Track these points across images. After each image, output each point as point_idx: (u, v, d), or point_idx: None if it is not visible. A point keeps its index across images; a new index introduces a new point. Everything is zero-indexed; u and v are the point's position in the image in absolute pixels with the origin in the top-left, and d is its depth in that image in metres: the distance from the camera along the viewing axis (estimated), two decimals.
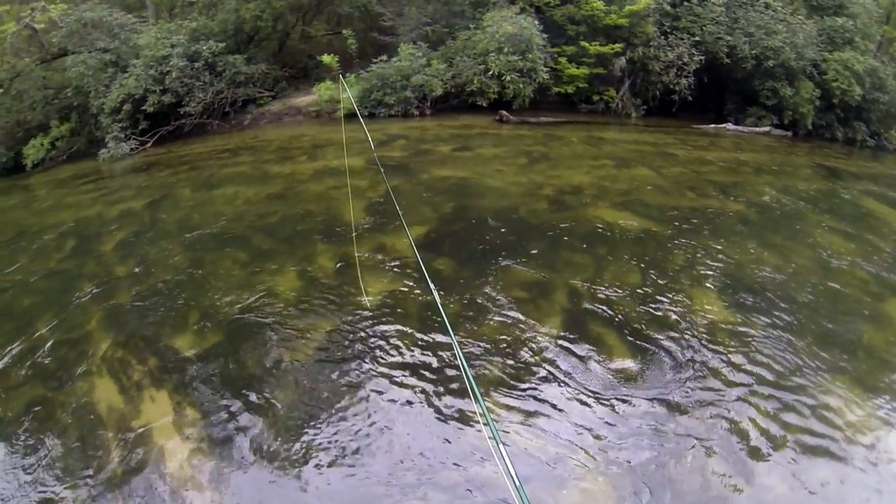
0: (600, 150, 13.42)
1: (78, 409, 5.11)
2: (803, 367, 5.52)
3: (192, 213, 9.59)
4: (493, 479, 4.16)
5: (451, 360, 5.41)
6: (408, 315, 6.18)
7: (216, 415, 4.89)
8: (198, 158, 13.86)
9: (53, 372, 5.66)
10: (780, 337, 5.94)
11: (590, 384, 5.15)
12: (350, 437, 4.60)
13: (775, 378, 5.33)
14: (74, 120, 18.03)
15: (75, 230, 9.62)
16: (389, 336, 5.80)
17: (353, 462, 4.39)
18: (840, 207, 10.50)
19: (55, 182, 14.48)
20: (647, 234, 8.17)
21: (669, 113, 18.60)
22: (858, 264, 7.77)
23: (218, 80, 16.75)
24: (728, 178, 11.60)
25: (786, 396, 5.11)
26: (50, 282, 7.69)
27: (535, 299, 6.43)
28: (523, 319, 6.04)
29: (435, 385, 5.12)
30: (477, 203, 9.22)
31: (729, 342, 5.79)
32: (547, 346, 5.64)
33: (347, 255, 7.40)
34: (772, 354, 5.64)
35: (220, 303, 6.53)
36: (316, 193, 10.03)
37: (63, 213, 10.86)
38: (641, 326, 5.98)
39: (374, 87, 16.65)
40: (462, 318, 6.06)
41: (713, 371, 5.37)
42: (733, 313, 6.31)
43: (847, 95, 17.62)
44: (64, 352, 5.96)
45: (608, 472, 4.30)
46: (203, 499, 4.18)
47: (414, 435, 4.62)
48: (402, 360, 5.46)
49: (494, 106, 16.63)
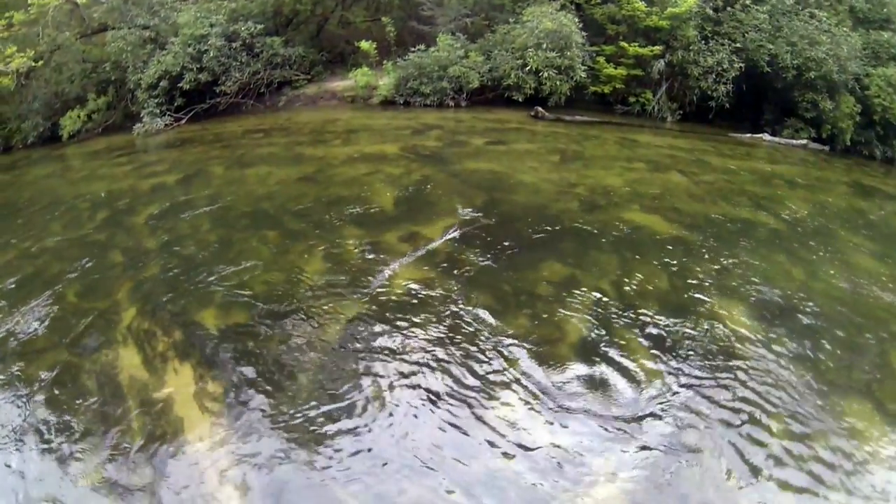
0: (634, 153, 13.23)
1: (101, 376, 5.15)
2: (824, 388, 5.35)
3: (223, 191, 9.62)
4: (508, 475, 4.12)
5: (475, 352, 5.36)
6: (434, 304, 6.13)
7: (238, 390, 4.90)
8: (231, 137, 13.93)
9: (79, 338, 5.71)
10: (803, 355, 5.76)
11: (607, 389, 5.05)
12: (369, 423, 4.57)
13: (794, 397, 5.16)
14: (111, 94, 18.24)
15: (107, 201, 9.72)
16: (414, 324, 5.75)
17: (371, 448, 4.35)
18: (874, 227, 10.20)
19: (90, 153, 14.66)
20: (676, 240, 8.02)
21: (705, 119, 18.27)
22: (889, 287, 7.54)
23: (255, 61, 16.83)
24: (761, 190, 11.35)
25: (804, 417, 4.94)
26: (81, 250, 7.76)
27: (562, 297, 6.33)
28: (548, 317, 5.97)
29: (458, 377, 5.06)
30: (509, 197, 9.14)
31: (751, 356, 5.64)
32: (571, 345, 5.56)
33: (377, 241, 7.40)
34: (793, 372, 5.48)
35: (248, 281, 6.54)
36: (348, 178, 9.99)
37: (96, 183, 10.99)
38: (664, 332, 5.86)
39: (411, 76, 16.62)
40: (488, 310, 6.00)
41: (732, 383, 5.23)
42: (757, 326, 6.15)
43: (889, 112, 17.16)
44: (91, 319, 6.00)
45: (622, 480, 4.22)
46: (221, 471, 4.18)
47: (433, 425, 4.57)
48: (426, 349, 5.41)
49: (530, 101, 16.48)
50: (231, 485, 4.08)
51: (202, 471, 4.18)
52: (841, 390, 5.36)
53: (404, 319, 5.83)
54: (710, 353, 5.61)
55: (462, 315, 5.93)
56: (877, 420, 5.07)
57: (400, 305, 6.07)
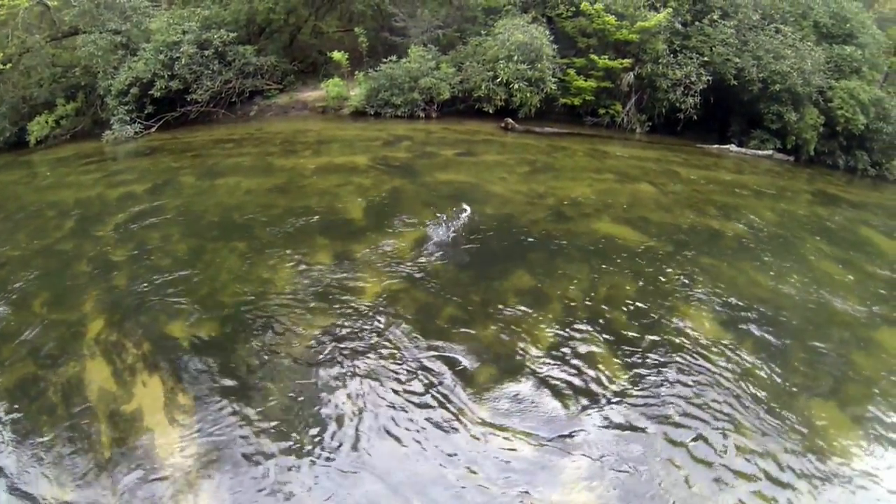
0: (603, 164, 13.44)
1: (68, 389, 5.12)
2: (791, 390, 5.57)
3: (193, 201, 9.59)
4: (482, 480, 4.22)
5: (442, 363, 5.45)
6: (403, 314, 6.21)
7: (208, 402, 4.92)
8: (202, 146, 13.85)
9: (47, 351, 5.65)
10: (770, 359, 5.98)
11: (579, 396, 5.18)
12: (340, 433, 4.63)
13: (763, 400, 5.37)
14: (80, 99, 17.95)
15: (75, 210, 9.60)
16: (384, 334, 5.83)
17: (342, 457, 4.42)
18: (837, 235, 10.54)
19: (57, 160, 14.43)
20: (644, 250, 8.21)
21: (674, 131, 18.61)
22: (852, 291, 7.82)
23: (227, 70, 16.71)
24: (728, 199, 11.64)
25: (772, 419, 5.15)
26: (47, 260, 7.68)
27: (531, 307, 6.45)
28: (517, 328, 6.08)
29: (428, 384, 5.16)
30: (478, 209, 9.23)
31: (719, 361, 5.83)
32: (539, 355, 5.67)
33: (347, 252, 7.46)
34: (760, 376, 5.69)
35: (217, 292, 6.55)
36: (319, 189, 10.02)
37: (64, 191, 10.83)
38: (633, 340, 6.02)
39: (382, 87, 16.65)
40: (457, 321, 6.09)
41: (701, 389, 5.41)
42: (725, 332, 6.35)
43: (851, 124, 17.63)
44: (58, 331, 5.96)
45: (592, 478, 4.36)
46: (192, 484, 4.20)
47: (404, 431, 4.66)
48: (396, 358, 5.50)
49: (500, 113, 16.63)
50: (202, 497, 4.10)
51: (173, 483, 4.20)
52: (806, 393, 5.58)
53: (372, 331, 5.90)
54: (678, 359, 5.78)
55: (429, 326, 6.02)
56: (841, 421, 5.30)
57: (368, 317, 6.13)
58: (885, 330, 7.03)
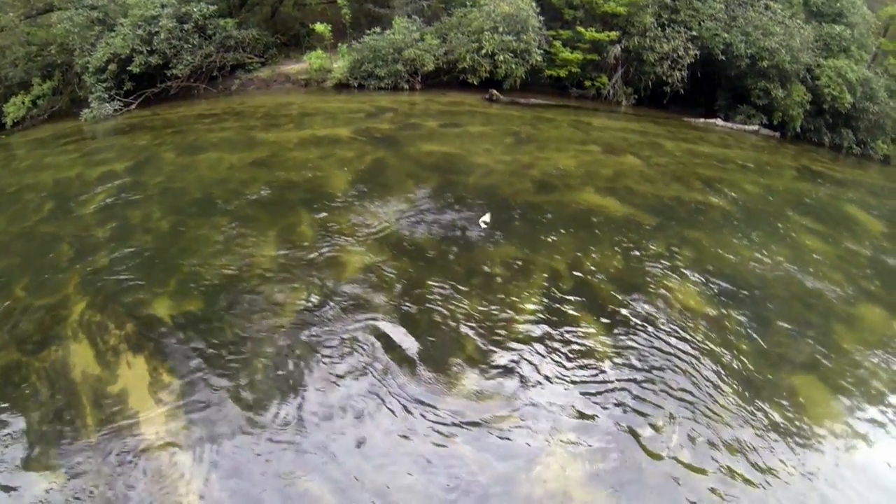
0: (588, 136, 13.42)
1: (52, 373, 5.08)
2: (774, 361, 5.64)
3: (174, 177, 9.47)
4: (461, 453, 4.24)
5: (427, 334, 5.46)
6: (386, 285, 6.21)
7: (193, 380, 4.90)
8: (183, 122, 13.66)
9: (29, 336, 5.59)
10: (753, 330, 6.04)
11: (564, 365, 5.21)
12: (323, 406, 4.65)
13: (745, 369, 5.43)
14: (57, 78, 17.54)
15: (55, 191, 9.45)
16: (369, 307, 5.82)
17: (326, 429, 4.44)
18: (821, 210, 10.61)
19: (35, 141, 14.16)
20: (629, 221, 8.22)
21: (660, 104, 18.67)
22: (835, 266, 7.90)
23: (207, 44, 16.42)
24: (714, 173, 11.67)
25: (755, 388, 5.22)
26: (27, 243, 7.57)
27: (515, 278, 6.47)
28: (502, 297, 6.09)
29: (410, 361, 5.16)
30: (462, 179, 9.23)
31: (702, 331, 5.89)
32: (524, 324, 5.70)
33: (329, 224, 7.43)
34: (744, 347, 5.75)
35: (200, 268, 6.50)
36: (301, 162, 9.94)
37: (42, 173, 10.66)
38: (617, 311, 6.06)
39: (366, 59, 16.49)
40: (441, 291, 6.09)
41: (684, 359, 5.46)
42: (708, 304, 6.40)
43: (837, 102, 17.74)
44: (40, 315, 5.89)
45: (577, 455, 4.39)
46: (178, 463, 4.20)
47: (386, 404, 4.67)
48: (382, 331, 5.49)
49: (485, 84, 16.56)
50: (189, 475, 4.11)
51: (160, 464, 4.19)
52: (788, 364, 5.64)
53: (356, 302, 5.89)
54: (661, 330, 5.82)
55: (413, 297, 6.01)
56: (822, 392, 5.37)
57: (352, 288, 6.12)
58: (865, 304, 7.12)
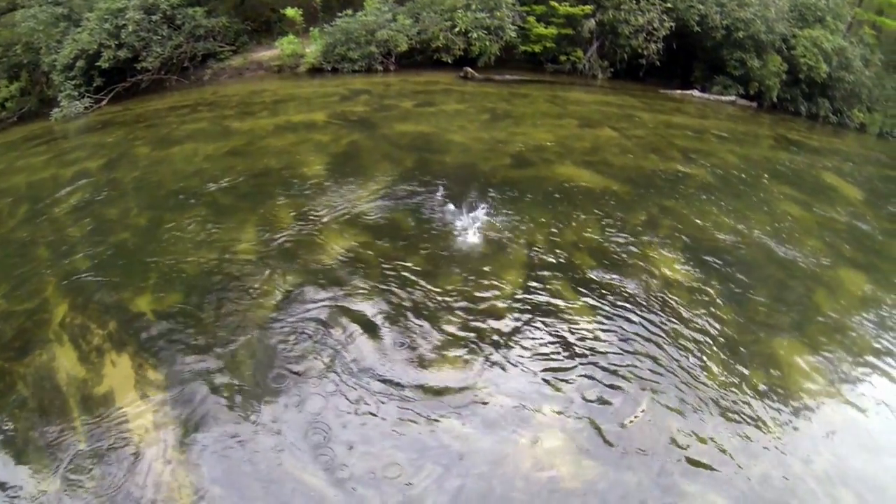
0: (565, 110, 13.42)
1: (38, 379, 5.04)
2: (756, 327, 5.74)
3: (149, 172, 9.36)
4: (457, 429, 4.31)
5: (410, 314, 5.49)
6: (368, 268, 6.22)
7: (179, 375, 4.90)
8: (155, 115, 13.47)
9: (10, 343, 5.54)
10: (735, 297, 6.14)
11: (546, 338, 5.28)
12: (313, 394, 4.66)
13: (728, 336, 5.53)
14: (24, 79, 17.19)
15: (28, 195, 9.28)
16: (350, 290, 5.84)
17: (316, 419, 4.45)
18: (799, 178, 10.72)
19: (5, 145, 13.85)
20: (609, 194, 8.27)
21: (636, 77, 18.70)
22: (814, 233, 8.02)
23: (176, 34, 16.14)
24: (691, 144, 11.73)
25: (738, 354, 5.32)
26: (3, 250, 7.46)
27: (496, 254, 6.51)
28: (484, 273, 6.14)
29: (397, 337, 5.21)
30: (439, 158, 9.25)
31: (684, 300, 5.97)
32: (506, 300, 5.74)
33: (306, 209, 7.43)
34: (725, 314, 5.85)
35: (180, 262, 6.47)
36: (277, 149, 9.89)
37: (14, 177, 10.48)
38: (599, 282, 6.12)
39: (338, 42, 16.33)
40: (421, 271, 6.13)
41: (667, 327, 5.54)
42: (690, 273, 6.49)
43: (813, 72, 17.77)
44: (20, 321, 5.82)
45: (565, 426, 4.46)
46: (167, 460, 4.21)
47: (377, 389, 4.70)
48: (364, 313, 5.51)
49: (459, 63, 16.48)
50: (180, 471, 4.12)
51: (150, 462, 4.19)
52: (770, 330, 5.74)
53: (337, 286, 5.91)
54: (643, 299, 5.90)
55: (393, 277, 6.05)
56: (804, 357, 5.47)
57: (333, 272, 6.14)
58: (845, 270, 7.24)
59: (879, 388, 5.29)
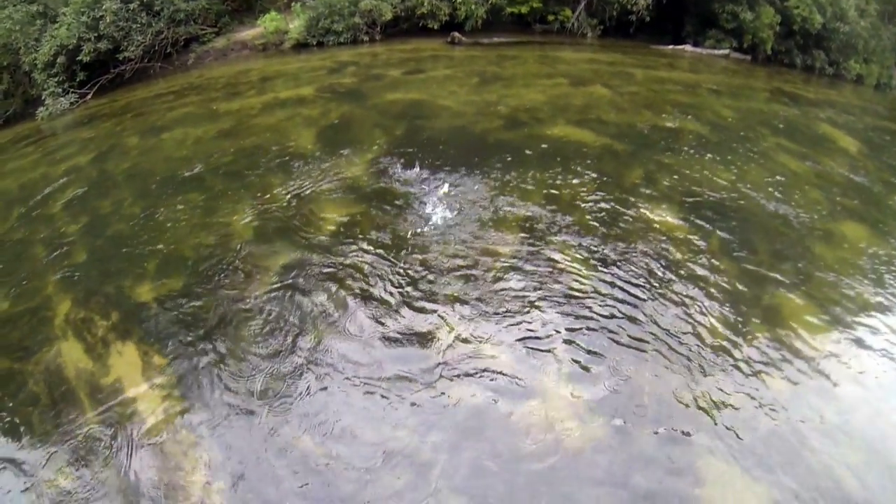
0: (555, 70, 13.22)
1: (47, 375, 5.06)
2: (758, 281, 5.66)
3: (140, 161, 9.29)
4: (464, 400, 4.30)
5: (410, 279, 5.48)
6: (365, 238, 6.19)
7: (184, 359, 4.91)
8: (142, 104, 13.34)
9: (18, 343, 5.54)
10: (736, 251, 6.07)
11: (548, 296, 5.25)
12: (318, 367, 4.66)
13: (729, 289, 5.47)
14: (6, 81, 16.88)
15: (20, 196, 9.18)
16: (348, 262, 5.81)
17: (321, 394, 4.46)
18: (796, 131, 10.53)
19: None
20: (604, 151, 8.17)
21: (626, 34, 18.38)
22: (812, 185, 7.88)
23: (156, 21, 15.90)
24: (686, 99, 11.55)
25: (741, 309, 5.26)
26: (1, 254, 7.40)
27: (493, 216, 6.45)
28: (481, 236, 6.09)
29: (398, 305, 5.19)
30: (430, 124, 9.15)
31: (685, 255, 5.90)
32: (508, 260, 5.70)
33: (300, 184, 7.38)
34: (727, 268, 5.78)
35: (178, 247, 6.44)
36: (267, 126, 9.81)
37: (5, 180, 10.39)
38: (598, 239, 6.05)
39: (322, 15, 16.17)
40: (419, 240, 6.09)
41: (671, 283, 5.49)
42: (689, 227, 6.41)
43: (808, 23, 17.41)
44: (25, 321, 5.83)
45: (572, 379, 4.45)
46: (180, 440, 4.23)
47: (379, 358, 4.69)
48: (364, 284, 5.49)
49: (446, 28, 16.28)
50: (192, 453, 4.14)
51: (163, 447, 4.21)
52: (772, 284, 5.67)
53: (336, 260, 5.88)
54: (643, 256, 5.83)
55: (392, 247, 6.00)
56: (807, 310, 5.40)
57: (331, 246, 6.10)
58: (845, 222, 7.12)
59: (883, 341, 5.18)
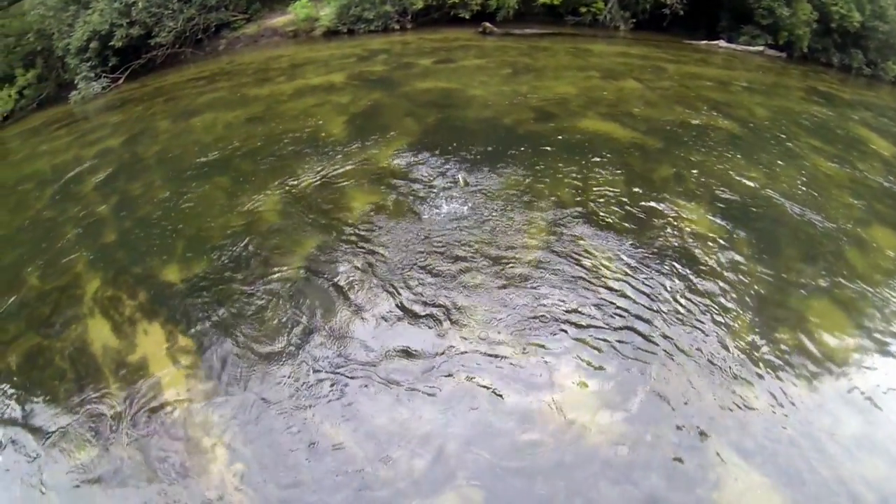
0: (587, 62, 13.01)
1: (74, 352, 5.13)
2: (785, 285, 5.48)
3: (171, 145, 9.35)
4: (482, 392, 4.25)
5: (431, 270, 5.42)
6: (391, 225, 6.13)
7: (209, 340, 4.92)
8: (173, 89, 13.47)
9: (47, 319, 5.63)
10: (764, 253, 5.86)
11: (572, 292, 5.15)
12: (339, 355, 4.62)
13: (757, 293, 5.29)
14: (40, 65, 17.22)
15: (53, 177, 9.37)
16: (374, 248, 5.77)
17: (344, 374, 4.43)
18: (831, 132, 10.16)
19: (27, 132, 14.01)
20: (634, 146, 7.99)
21: (659, 27, 17.98)
22: (845, 188, 7.59)
23: (188, 7, 16.04)
24: (718, 95, 11.25)
25: (767, 312, 5.10)
26: (34, 232, 7.54)
27: (521, 208, 6.35)
28: (509, 227, 6.00)
29: (418, 296, 5.13)
30: (459, 114, 9.05)
31: (713, 255, 5.73)
32: (533, 253, 5.61)
33: (329, 170, 7.34)
34: (754, 270, 5.59)
35: (206, 230, 6.46)
36: (296, 112, 9.80)
37: (39, 161, 10.59)
38: (626, 236, 5.91)
39: (353, 3, 16.15)
40: (448, 227, 6.02)
41: (696, 283, 5.34)
42: (718, 226, 6.22)
43: (846, 21, 16.90)
44: (55, 298, 5.92)
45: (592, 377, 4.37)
46: (203, 420, 4.24)
47: (398, 347, 4.65)
48: (389, 270, 5.45)
49: (477, 18, 16.15)
50: (214, 430, 4.15)
51: (185, 427, 4.22)
52: (800, 289, 5.47)
53: (362, 246, 5.83)
54: (671, 254, 5.69)
55: (419, 234, 5.94)
56: (835, 317, 5.21)
57: (357, 233, 6.05)
58: (878, 227, 6.83)
59: None
